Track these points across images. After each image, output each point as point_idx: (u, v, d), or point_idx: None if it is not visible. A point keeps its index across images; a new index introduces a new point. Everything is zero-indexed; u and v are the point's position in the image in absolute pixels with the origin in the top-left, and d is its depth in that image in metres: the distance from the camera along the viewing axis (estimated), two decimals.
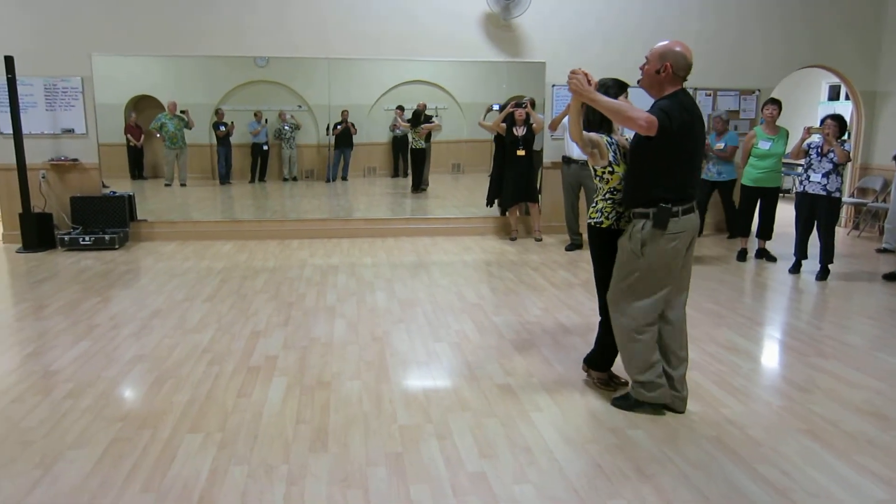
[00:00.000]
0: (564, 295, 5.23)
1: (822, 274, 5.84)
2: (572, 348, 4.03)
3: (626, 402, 3.21)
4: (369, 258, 6.53)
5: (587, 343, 4.11)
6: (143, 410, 3.16)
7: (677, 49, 2.93)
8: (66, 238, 6.85)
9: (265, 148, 8.92)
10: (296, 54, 7.30)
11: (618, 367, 3.41)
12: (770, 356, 4.05)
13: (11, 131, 6.71)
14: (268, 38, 7.19)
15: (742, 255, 6.57)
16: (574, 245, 7.00)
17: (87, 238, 6.83)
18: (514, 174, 7.24)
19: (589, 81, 2.95)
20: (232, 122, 8.58)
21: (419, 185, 9.14)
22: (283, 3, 7.14)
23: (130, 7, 6.94)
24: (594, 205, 3.32)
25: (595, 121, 3.22)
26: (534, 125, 7.11)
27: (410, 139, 9.00)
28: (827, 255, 5.83)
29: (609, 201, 3.24)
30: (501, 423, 3.05)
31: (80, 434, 2.92)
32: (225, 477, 2.59)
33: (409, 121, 8.99)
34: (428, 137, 9.01)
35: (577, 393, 3.39)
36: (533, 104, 7.49)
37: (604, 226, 3.25)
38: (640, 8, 7.58)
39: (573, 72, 2.96)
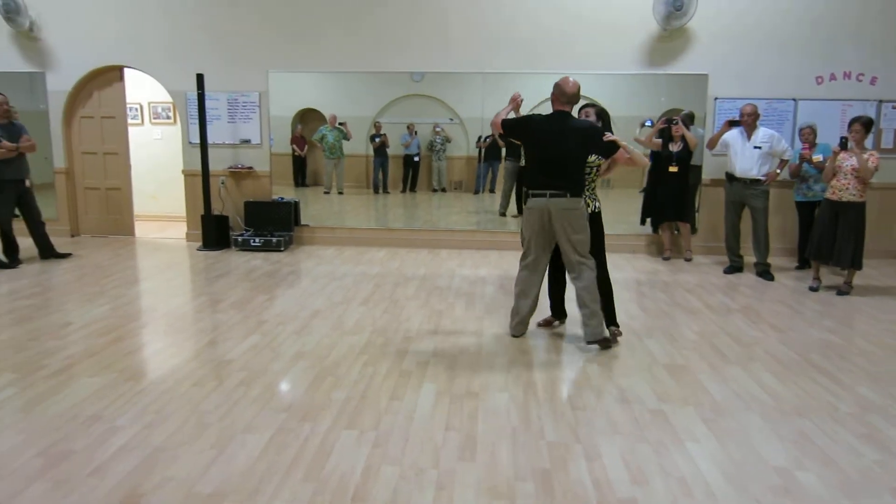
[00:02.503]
0: (722, 320, 4.94)
1: None
2: (732, 379, 3.79)
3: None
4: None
5: (749, 373, 3.86)
6: (304, 404, 3.37)
7: (563, 84, 4.07)
8: (240, 239, 7.48)
9: (416, 159, 9.22)
10: (454, 69, 7.52)
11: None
12: None
13: (199, 141, 7.47)
14: (427, 54, 7.47)
15: None
16: (734, 267, 6.57)
17: (257, 240, 7.42)
18: (665, 191, 6.98)
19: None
20: (384, 134, 8.97)
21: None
22: (444, 20, 7.39)
23: (303, 29, 7.50)
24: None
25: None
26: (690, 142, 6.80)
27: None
28: None
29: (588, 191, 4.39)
30: (654, 451, 2.93)
31: (251, 421, 3.17)
32: (378, 475, 2.69)
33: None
34: None
35: (738, 425, 3.19)
36: (692, 119, 7.17)
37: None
38: (810, 12, 7.02)
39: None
